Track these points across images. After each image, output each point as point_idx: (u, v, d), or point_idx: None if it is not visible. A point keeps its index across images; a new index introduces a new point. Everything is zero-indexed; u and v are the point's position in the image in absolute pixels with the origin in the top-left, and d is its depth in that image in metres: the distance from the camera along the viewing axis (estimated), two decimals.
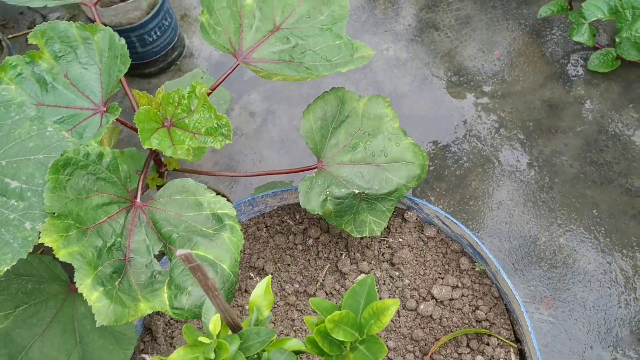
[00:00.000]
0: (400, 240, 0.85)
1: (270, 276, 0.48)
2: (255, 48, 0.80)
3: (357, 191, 0.78)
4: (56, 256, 0.56)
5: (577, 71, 1.34)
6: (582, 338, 1.06)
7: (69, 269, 0.66)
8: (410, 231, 0.85)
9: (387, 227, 0.86)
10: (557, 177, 1.21)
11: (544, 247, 1.14)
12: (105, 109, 0.72)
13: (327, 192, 0.77)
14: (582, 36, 1.17)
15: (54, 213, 0.57)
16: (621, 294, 1.10)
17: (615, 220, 1.16)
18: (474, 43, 1.39)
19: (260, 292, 0.46)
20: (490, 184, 1.21)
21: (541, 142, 1.25)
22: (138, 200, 0.65)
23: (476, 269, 0.83)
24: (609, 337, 1.06)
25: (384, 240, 0.85)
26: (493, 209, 1.19)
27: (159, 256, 0.75)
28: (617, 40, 1.14)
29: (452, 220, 0.82)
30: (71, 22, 0.72)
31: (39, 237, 0.55)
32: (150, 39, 1.28)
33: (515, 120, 1.28)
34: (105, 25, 1.20)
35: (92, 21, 1.26)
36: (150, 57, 1.32)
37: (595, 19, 1.11)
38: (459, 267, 0.83)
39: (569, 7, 1.30)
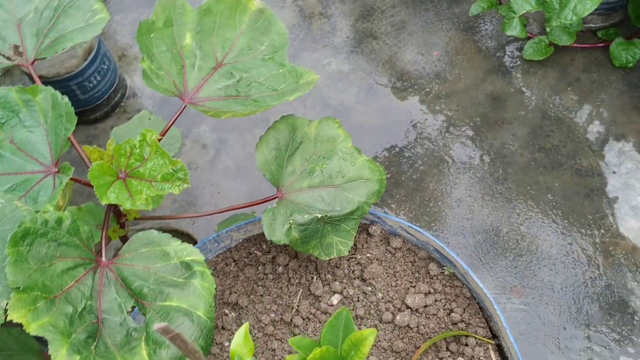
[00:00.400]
0: (368, 255, 0.86)
1: (247, 324, 0.48)
2: (200, 87, 0.80)
3: (319, 215, 0.79)
4: (27, 331, 0.55)
5: (514, 62, 1.38)
6: (555, 321, 1.09)
7: (39, 336, 0.65)
8: (376, 245, 0.87)
9: (354, 244, 0.87)
10: (509, 167, 1.25)
11: (507, 237, 1.17)
12: (57, 170, 0.71)
13: (291, 221, 0.78)
14: (514, 30, 1.21)
15: (18, 287, 0.56)
16: (585, 272, 1.13)
17: (570, 201, 1.20)
18: (412, 47, 1.42)
19: (240, 340, 0.47)
20: (447, 184, 1.24)
21: (490, 136, 1.29)
22: (103, 258, 0.65)
23: (445, 273, 0.85)
24: (580, 316, 1.09)
25: (352, 257, 0.86)
26: (453, 207, 1.21)
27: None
28: (548, 29, 1.19)
29: (415, 229, 0.84)
30: (10, 87, 0.71)
31: (6, 315, 0.54)
32: (91, 85, 1.26)
33: (463, 117, 1.31)
34: (43, 77, 1.19)
35: (28, 75, 1.24)
36: (94, 102, 1.31)
37: (524, 11, 1.15)
38: (429, 273, 0.85)
39: (499, 1, 1.34)
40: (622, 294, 1.11)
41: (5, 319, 0.54)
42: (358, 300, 0.84)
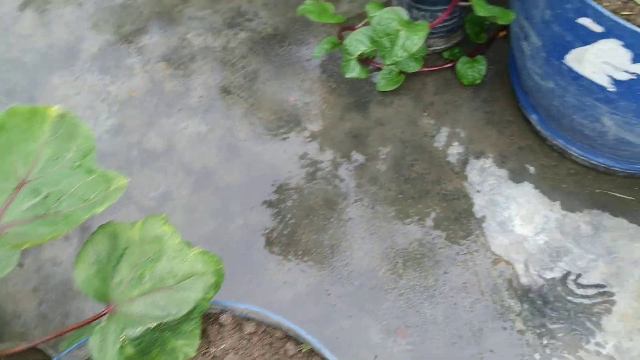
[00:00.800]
0: (223, 346, 0.83)
1: None
2: (2, 212, 0.75)
3: (155, 323, 0.75)
4: None
5: (369, 95, 1.38)
6: (442, 355, 1.09)
7: None
8: (230, 334, 0.83)
9: (206, 337, 0.83)
10: (378, 204, 1.24)
11: (385, 277, 1.17)
12: None
13: (123, 337, 0.73)
14: (353, 71, 1.21)
15: None
16: (464, 298, 1.14)
17: (441, 229, 1.20)
18: (268, 96, 1.40)
19: None
20: (319, 232, 1.22)
21: (355, 175, 1.28)
22: None
23: (303, 350, 0.82)
24: (465, 344, 1.09)
25: (207, 352, 0.83)
26: (328, 256, 1.20)
27: None
28: (384, 67, 1.19)
29: (264, 313, 0.81)
30: None
31: None
32: None
33: (326, 160, 1.30)
34: None
35: None
36: None
37: (360, 52, 1.15)
38: (287, 353, 0.82)
39: (340, 41, 1.33)
40: (502, 314, 1.12)
41: None
42: None
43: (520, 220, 1.21)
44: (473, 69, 1.33)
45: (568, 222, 1.20)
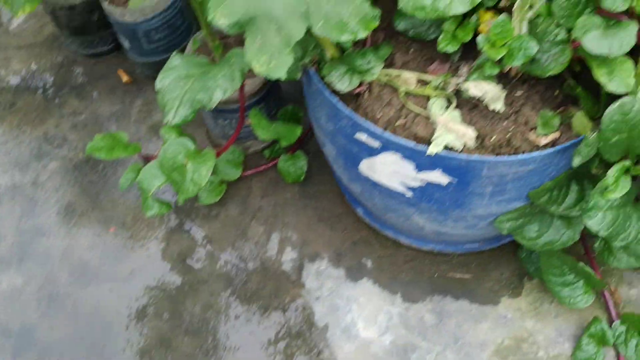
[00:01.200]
0: None
1: None
2: None
3: None
4: None
5: (193, 212, 1.30)
6: None
7: None
8: None
9: None
10: (214, 332, 1.16)
11: None
12: None
13: None
14: (152, 209, 1.12)
15: None
16: None
17: (284, 349, 1.13)
18: (86, 230, 1.29)
19: None
20: None
21: (188, 303, 1.19)
22: None
23: None
24: None
25: None
26: None
27: None
28: (180, 203, 1.11)
29: None
30: None
31: None
32: None
33: (154, 293, 1.20)
34: None
35: None
36: None
37: (155, 188, 1.06)
38: None
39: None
40: None
41: None
42: None
43: (364, 322, 1.15)
44: (294, 166, 1.28)
45: (411, 315, 1.16)
